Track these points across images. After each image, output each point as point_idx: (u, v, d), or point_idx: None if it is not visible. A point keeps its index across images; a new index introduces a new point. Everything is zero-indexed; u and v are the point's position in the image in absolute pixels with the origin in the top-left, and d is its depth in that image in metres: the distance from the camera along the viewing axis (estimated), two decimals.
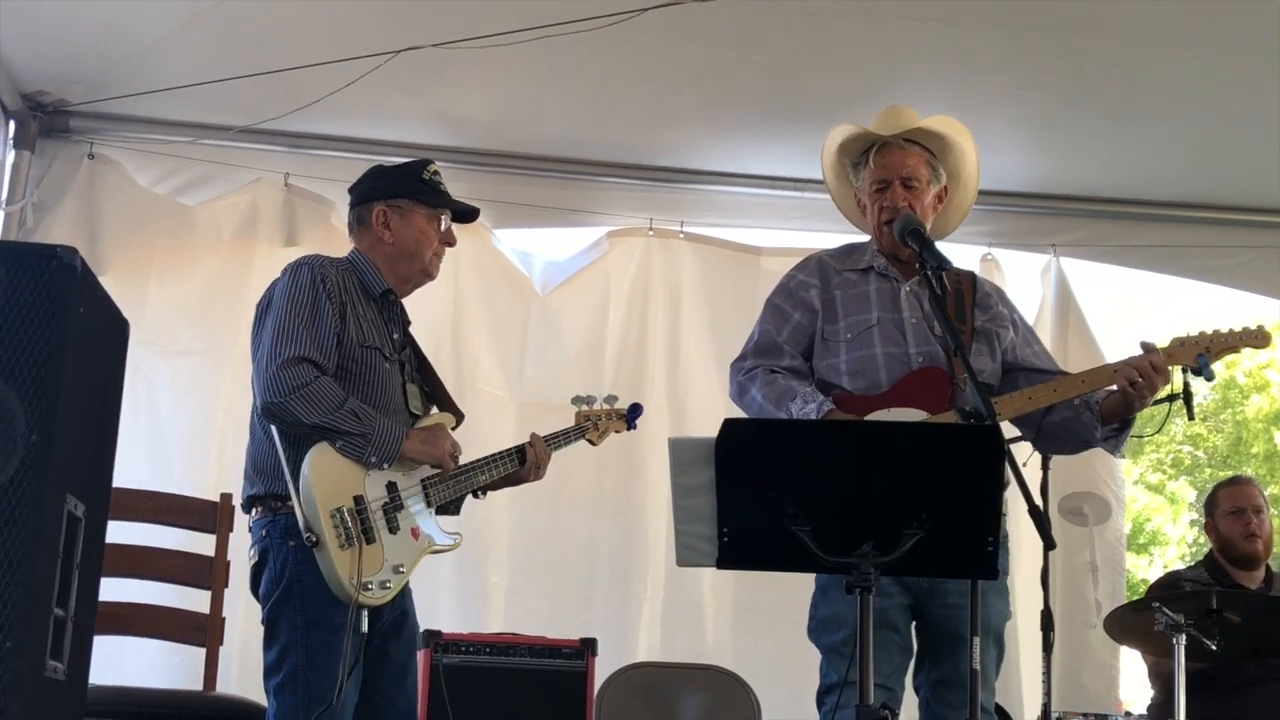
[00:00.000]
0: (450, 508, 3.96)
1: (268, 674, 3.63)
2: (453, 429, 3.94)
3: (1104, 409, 3.86)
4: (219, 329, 5.86)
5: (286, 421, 3.58)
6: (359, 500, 3.57)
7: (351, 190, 4.04)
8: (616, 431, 4.42)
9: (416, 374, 4.00)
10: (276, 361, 3.58)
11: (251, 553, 3.71)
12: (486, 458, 3.94)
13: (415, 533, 3.70)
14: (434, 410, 3.99)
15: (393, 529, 3.63)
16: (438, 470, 3.79)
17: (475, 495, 4.01)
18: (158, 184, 6.03)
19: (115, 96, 5.67)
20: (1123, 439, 3.93)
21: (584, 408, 4.35)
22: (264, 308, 3.77)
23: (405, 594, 3.83)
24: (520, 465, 3.99)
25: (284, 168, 6.03)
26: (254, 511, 3.72)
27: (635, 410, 4.47)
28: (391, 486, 3.67)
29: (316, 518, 3.47)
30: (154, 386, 5.74)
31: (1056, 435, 3.97)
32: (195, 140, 5.90)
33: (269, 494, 3.66)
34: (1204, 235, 6.45)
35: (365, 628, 3.50)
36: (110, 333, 3.21)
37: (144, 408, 5.64)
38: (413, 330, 4.07)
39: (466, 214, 4.07)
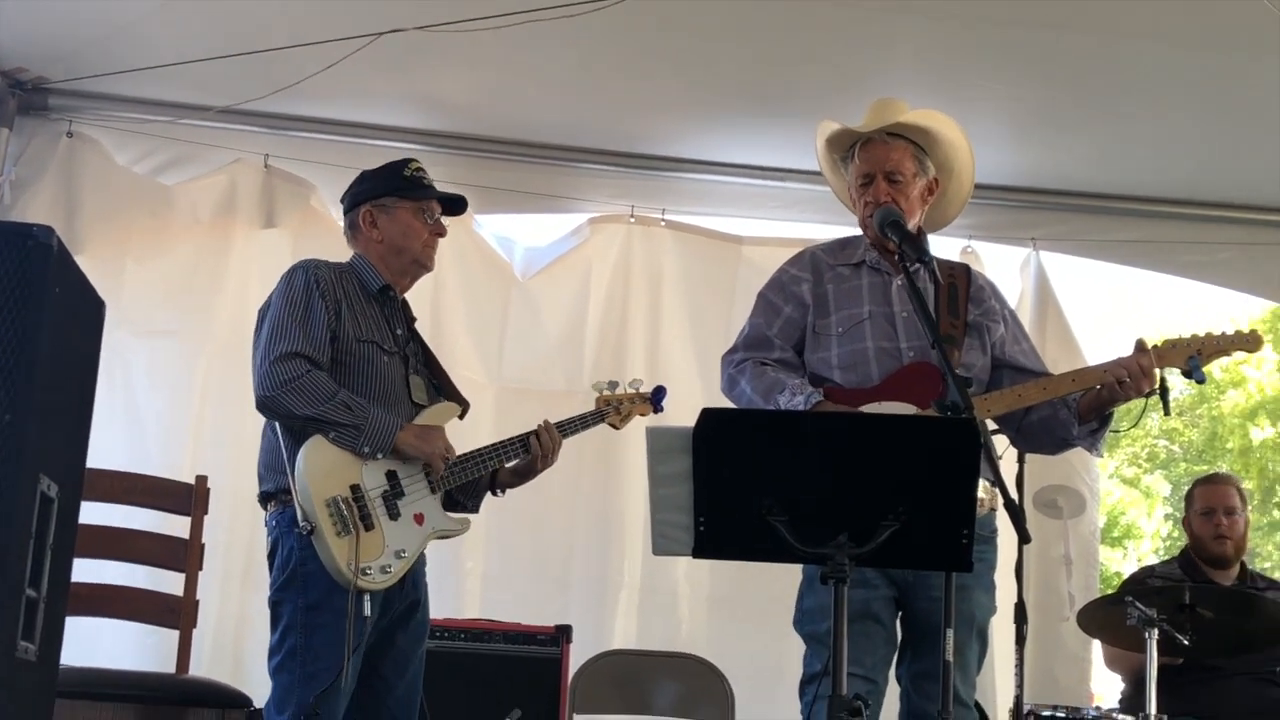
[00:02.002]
0: (469, 505, 4.04)
1: (270, 656, 3.72)
2: (460, 418, 4.03)
3: (1080, 406, 3.87)
4: (196, 310, 5.85)
5: (280, 415, 3.70)
6: (356, 489, 3.65)
7: (341, 200, 4.13)
8: (641, 415, 4.44)
9: (423, 367, 4.07)
10: (270, 357, 3.70)
11: (266, 544, 3.81)
12: (491, 446, 4.00)
13: (419, 518, 3.77)
14: (440, 400, 4.03)
15: (393, 515, 3.71)
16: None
17: (494, 493, 4.12)
18: (136, 163, 5.99)
19: (95, 75, 5.63)
20: (1100, 437, 3.94)
21: (605, 392, 4.39)
22: (263, 312, 3.88)
23: (419, 584, 3.92)
24: (526, 453, 4.03)
25: (264, 149, 6.00)
26: (268, 507, 3.81)
27: (660, 393, 4.48)
28: (391, 475, 3.75)
29: (312, 507, 3.56)
30: (130, 367, 5.71)
31: (1035, 434, 3.98)
32: (175, 120, 5.86)
33: (279, 489, 3.74)
34: (1185, 231, 6.45)
35: (367, 612, 3.58)
36: (86, 313, 3.20)
37: (120, 389, 5.62)
38: None
39: (454, 204, 4.14)
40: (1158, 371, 3.79)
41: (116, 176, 5.90)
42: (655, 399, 4.46)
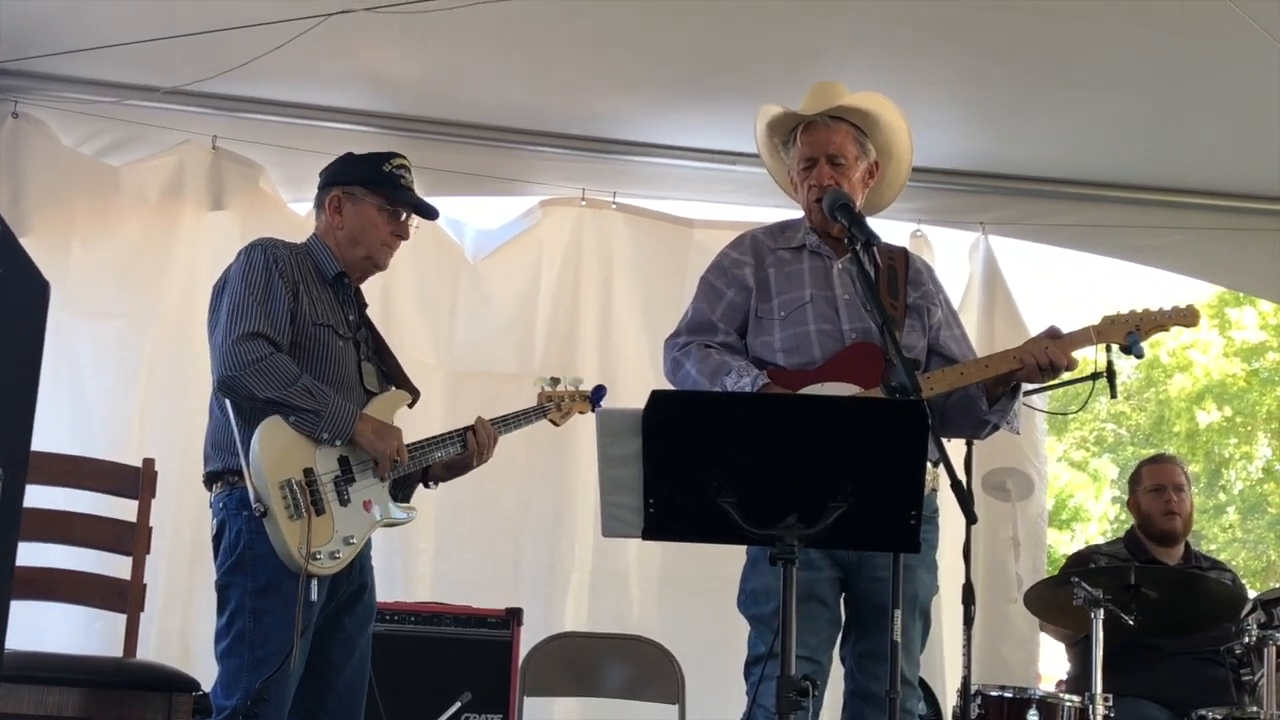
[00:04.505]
0: (399, 496, 4.02)
1: (216, 640, 3.69)
2: (409, 406, 4.03)
3: (987, 383, 3.86)
4: (142, 292, 5.79)
5: (241, 395, 3.65)
6: (309, 473, 3.64)
7: (321, 174, 4.09)
8: (580, 413, 4.49)
9: (374, 354, 4.06)
10: (232, 337, 3.65)
11: (212, 525, 3.77)
12: (432, 438, 3.99)
13: (367, 505, 3.78)
14: (391, 389, 4.03)
15: (343, 501, 3.70)
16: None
17: (426, 485, 4.11)
18: (83, 144, 5.92)
19: (41, 55, 5.55)
20: (1009, 410, 3.93)
21: (547, 388, 4.41)
22: (220, 288, 3.83)
23: (365, 568, 3.91)
24: (464, 448, 4.02)
25: (212, 130, 5.94)
26: (214, 487, 3.77)
27: (600, 392, 4.53)
28: (343, 461, 3.74)
29: (265, 488, 3.54)
30: (76, 349, 5.65)
31: (953, 417, 3.97)
32: (121, 101, 5.80)
33: (226, 469, 3.71)
34: (1133, 216, 6.50)
35: (315, 597, 3.57)
36: (31, 294, 3.16)
37: (65, 371, 5.56)
38: None
39: (425, 211, 4.11)
40: (1079, 359, 3.82)
41: (63, 157, 5.83)
42: (595, 398, 4.50)
